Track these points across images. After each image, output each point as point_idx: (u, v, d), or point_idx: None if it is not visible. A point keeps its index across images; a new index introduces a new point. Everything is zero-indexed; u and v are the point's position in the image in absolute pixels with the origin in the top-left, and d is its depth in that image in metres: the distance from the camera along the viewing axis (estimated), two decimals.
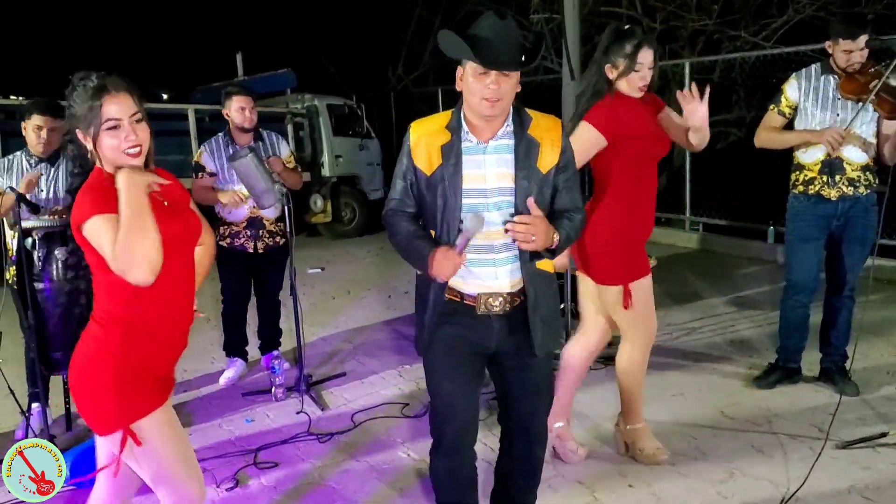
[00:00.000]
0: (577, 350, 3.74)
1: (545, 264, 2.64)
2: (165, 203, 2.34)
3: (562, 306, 5.51)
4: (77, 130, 2.27)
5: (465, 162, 2.53)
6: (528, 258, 2.58)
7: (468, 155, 2.53)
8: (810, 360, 4.81)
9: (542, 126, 2.59)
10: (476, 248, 2.52)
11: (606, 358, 5.11)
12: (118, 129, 2.21)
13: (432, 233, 2.58)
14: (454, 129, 2.55)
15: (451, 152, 2.53)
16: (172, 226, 2.27)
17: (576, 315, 5.52)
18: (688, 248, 9.30)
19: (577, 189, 2.68)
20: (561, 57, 10.12)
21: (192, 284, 2.43)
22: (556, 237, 2.53)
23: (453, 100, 2.80)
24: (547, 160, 2.56)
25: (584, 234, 3.42)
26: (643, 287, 3.50)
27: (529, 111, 2.62)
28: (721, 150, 11.44)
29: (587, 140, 3.33)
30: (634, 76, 3.34)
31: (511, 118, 2.56)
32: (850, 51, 4.05)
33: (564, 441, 3.75)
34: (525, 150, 2.54)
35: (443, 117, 2.61)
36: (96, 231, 2.15)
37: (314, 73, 15.71)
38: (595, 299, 3.62)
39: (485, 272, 2.58)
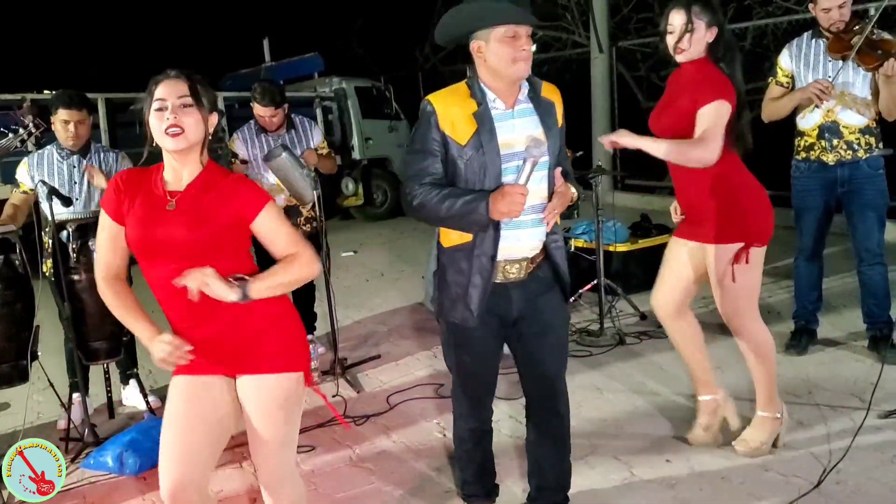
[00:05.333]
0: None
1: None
2: (172, 207, 2.31)
3: (594, 282, 5.47)
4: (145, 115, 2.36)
5: (497, 128, 2.56)
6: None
7: (499, 122, 2.57)
8: (853, 330, 4.74)
9: (548, 89, 2.69)
10: None
11: (641, 332, 5.10)
12: (162, 111, 2.28)
13: None
14: (479, 97, 2.56)
15: (484, 118, 2.54)
16: (163, 233, 2.29)
17: (609, 292, 5.50)
18: None
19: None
20: (588, 30, 10.05)
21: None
22: (574, 193, 2.70)
23: None
24: (559, 119, 2.69)
25: None
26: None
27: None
28: (754, 118, 11.24)
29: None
30: (668, 38, 3.33)
31: (525, 83, 2.62)
32: (829, 9, 4.10)
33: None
34: (546, 112, 2.64)
35: (460, 88, 2.62)
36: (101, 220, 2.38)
37: (341, 55, 15.69)
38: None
39: (510, 234, 2.59)
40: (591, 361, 4.78)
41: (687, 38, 3.25)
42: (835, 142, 4.21)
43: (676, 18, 3.27)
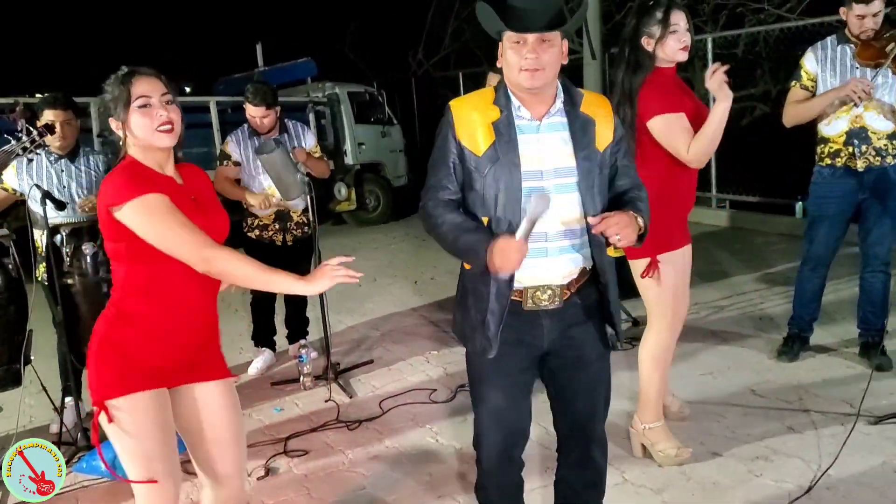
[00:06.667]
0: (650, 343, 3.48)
1: (612, 251, 2.50)
2: (193, 198, 2.36)
3: None
4: (111, 120, 2.28)
5: (520, 141, 2.29)
6: (604, 248, 2.40)
7: (523, 134, 2.30)
8: (845, 337, 4.77)
9: (594, 103, 2.41)
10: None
11: (633, 338, 5.09)
12: (149, 108, 2.24)
13: (485, 220, 2.32)
14: (503, 105, 2.31)
15: (505, 129, 2.29)
16: (197, 223, 2.26)
17: None
18: (715, 226, 9.20)
19: (634, 165, 2.54)
20: (581, 37, 10.03)
21: (210, 284, 2.36)
22: (641, 221, 2.33)
23: (476, 84, 2.68)
24: (603, 138, 2.37)
25: None
26: (674, 261, 3.31)
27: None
28: (747, 125, 11.31)
29: (679, 126, 3.17)
30: (671, 39, 3.21)
31: (561, 93, 2.37)
32: (863, 16, 4.03)
33: (656, 444, 3.50)
34: (581, 129, 2.34)
35: (486, 93, 2.38)
36: (132, 216, 2.17)
37: (334, 60, 15.71)
38: None
39: (535, 263, 2.29)
40: None
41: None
42: (863, 148, 4.14)
43: (681, 19, 3.22)
